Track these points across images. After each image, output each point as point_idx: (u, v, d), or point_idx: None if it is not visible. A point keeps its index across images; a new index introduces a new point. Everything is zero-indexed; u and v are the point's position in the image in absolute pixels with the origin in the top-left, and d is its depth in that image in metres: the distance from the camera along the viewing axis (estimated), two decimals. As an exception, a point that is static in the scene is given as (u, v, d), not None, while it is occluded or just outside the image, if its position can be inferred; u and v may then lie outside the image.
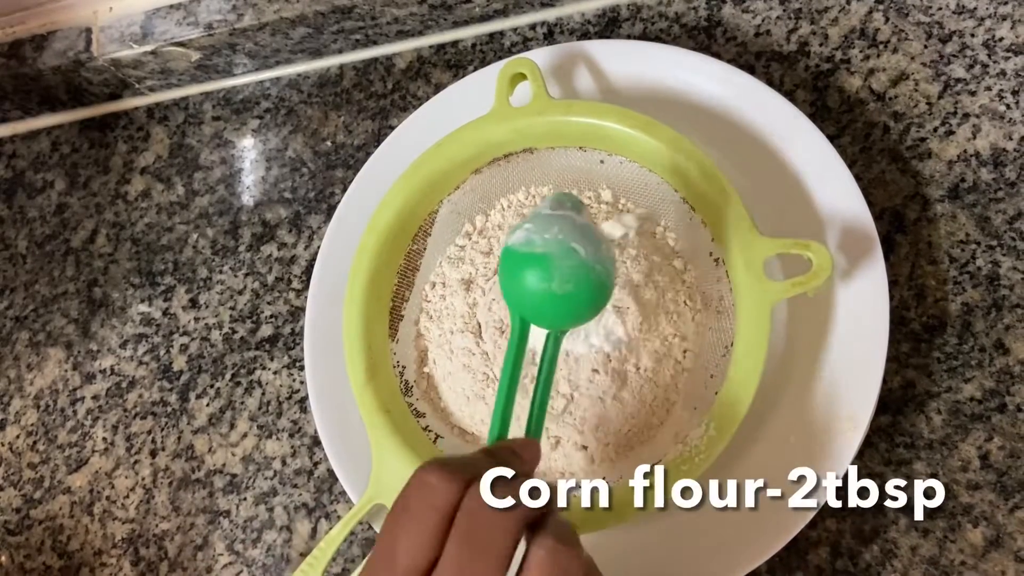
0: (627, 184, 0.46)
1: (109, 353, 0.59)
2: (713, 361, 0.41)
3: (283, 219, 0.58)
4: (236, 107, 0.63)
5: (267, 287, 0.56)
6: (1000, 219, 0.44)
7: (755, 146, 0.45)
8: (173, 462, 0.54)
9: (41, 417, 0.58)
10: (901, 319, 0.44)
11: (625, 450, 0.41)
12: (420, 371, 0.47)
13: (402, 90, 0.58)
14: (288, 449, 0.52)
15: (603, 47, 0.50)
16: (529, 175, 0.47)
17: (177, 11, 0.60)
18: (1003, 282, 0.43)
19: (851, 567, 0.41)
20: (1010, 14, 0.47)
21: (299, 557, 0.49)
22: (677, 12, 0.53)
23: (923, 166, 0.46)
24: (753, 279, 0.39)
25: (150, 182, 0.63)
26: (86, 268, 0.62)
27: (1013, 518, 0.39)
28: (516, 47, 0.56)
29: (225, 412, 0.54)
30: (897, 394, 0.43)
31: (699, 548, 0.40)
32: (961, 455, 0.41)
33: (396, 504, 0.29)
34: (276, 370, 0.54)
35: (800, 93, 0.49)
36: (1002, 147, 0.45)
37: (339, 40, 0.59)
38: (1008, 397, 0.41)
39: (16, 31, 0.65)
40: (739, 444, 0.40)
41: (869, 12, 0.49)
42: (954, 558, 0.40)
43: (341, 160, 0.58)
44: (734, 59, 0.51)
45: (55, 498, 0.56)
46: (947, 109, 0.46)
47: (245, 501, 0.52)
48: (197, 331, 0.57)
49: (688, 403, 0.41)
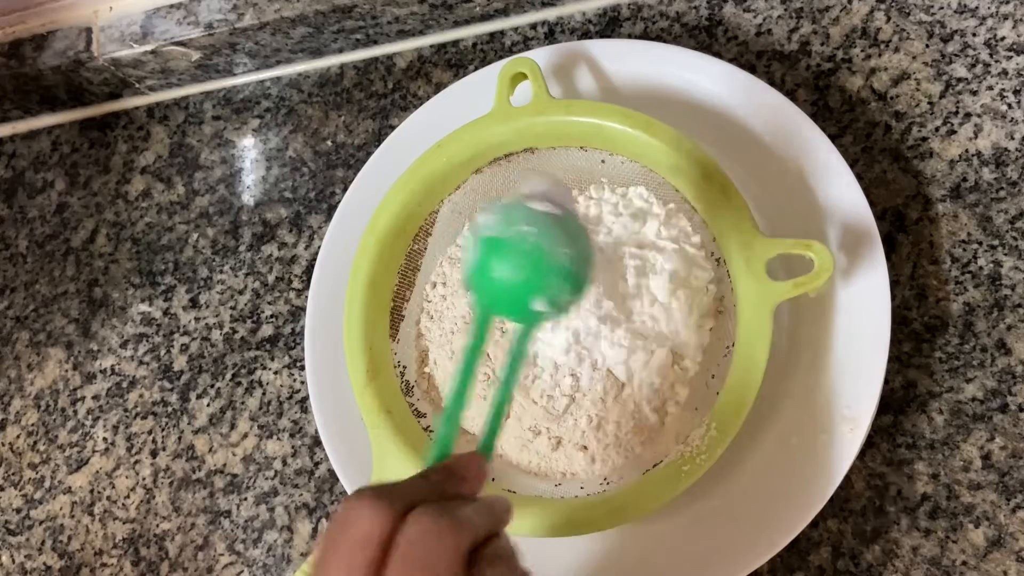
0: (628, 184, 0.46)
1: (109, 353, 0.59)
2: (715, 361, 0.41)
3: (283, 219, 0.58)
4: (236, 107, 0.62)
5: (268, 287, 0.56)
6: (1002, 219, 0.44)
7: (756, 145, 0.45)
8: (174, 462, 0.54)
9: (41, 417, 0.58)
10: (903, 319, 0.43)
11: (626, 451, 0.41)
12: (421, 371, 0.47)
13: (403, 89, 0.58)
14: (289, 449, 0.52)
15: (604, 46, 0.49)
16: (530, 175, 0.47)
17: (177, 11, 0.60)
18: (1004, 282, 0.43)
19: (852, 567, 0.41)
20: (1012, 13, 0.46)
21: (300, 557, 0.49)
22: (678, 11, 0.53)
23: (925, 166, 0.46)
24: (755, 279, 0.39)
25: (150, 182, 0.63)
26: (86, 268, 0.62)
27: (1015, 518, 0.39)
28: (517, 46, 0.56)
29: (226, 412, 0.54)
30: (899, 394, 0.43)
31: (700, 548, 0.40)
32: (963, 455, 0.41)
33: (325, 537, 0.26)
34: (277, 370, 0.54)
35: (801, 92, 0.49)
36: (1004, 147, 0.45)
37: (340, 39, 0.59)
38: (1010, 397, 0.41)
39: (16, 31, 0.65)
40: (741, 444, 0.40)
41: (871, 11, 0.49)
42: (956, 558, 0.40)
43: (342, 160, 0.58)
44: (735, 59, 0.51)
45: (56, 498, 0.56)
46: (949, 108, 0.46)
47: (246, 501, 0.52)
48: (198, 331, 0.57)
49: (690, 403, 0.41)
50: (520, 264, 0.32)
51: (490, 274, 0.33)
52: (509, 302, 0.33)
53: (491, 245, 0.33)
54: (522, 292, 0.32)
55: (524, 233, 0.32)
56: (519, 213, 0.33)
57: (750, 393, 0.37)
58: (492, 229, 0.33)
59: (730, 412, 0.38)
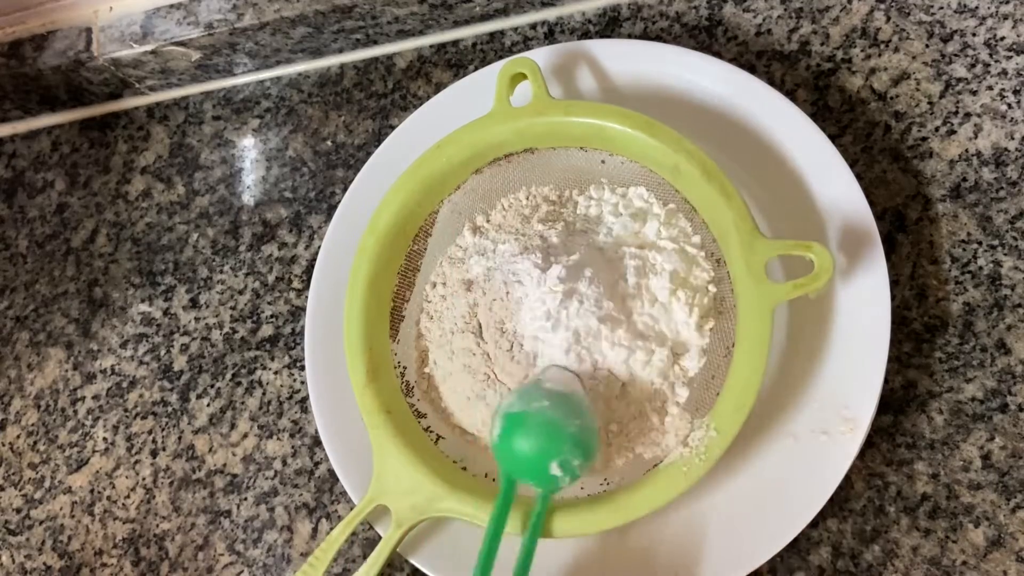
0: (628, 184, 0.46)
1: (109, 353, 0.59)
2: (715, 362, 0.41)
3: (283, 219, 0.58)
4: (236, 107, 0.62)
5: (268, 287, 0.56)
6: (1002, 219, 0.44)
7: (756, 146, 0.45)
8: (174, 462, 0.54)
9: (41, 417, 0.58)
10: (902, 319, 0.43)
11: (626, 452, 0.41)
12: (421, 371, 0.47)
13: (403, 89, 0.58)
14: (289, 449, 0.52)
15: (604, 46, 0.49)
16: (530, 175, 0.47)
17: (177, 11, 0.60)
18: (1004, 282, 0.43)
19: (852, 567, 0.41)
20: (1011, 13, 0.46)
21: (300, 557, 0.49)
22: (678, 11, 0.53)
23: (924, 166, 0.46)
24: (755, 281, 0.39)
25: (150, 182, 0.63)
26: (86, 268, 0.62)
27: (1015, 518, 0.39)
28: (517, 46, 0.56)
29: (226, 412, 0.54)
30: (898, 394, 0.43)
31: (700, 548, 0.40)
32: (963, 455, 0.41)
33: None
34: (277, 370, 0.54)
35: (801, 92, 0.49)
36: (1004, 146, 0.45)
37: (339, 39, 0.59)
38: (1010, 397, 0.41)
39: (16, 31, 0.65)
40: (741, 444, 0.40)
41: (870, 11, 0.49)
42: (956, 558, 0.40)
43: (342, 160, 0.58)
44: (735, 58, 0.51)
45: (56, 498, 0.56)
46: (948, 108, 0.46)
47: (246, 501, 0.52)
48: (198, 331, 0.57)
49: (690, 404, 0.41)
50: (537, 433, 0.38)
51: (512, 444, 0.38)
52: (530, 467, 0.38)
53: (512, 420, 0.38)
54: (540, 458, 0.37)
55: (540, 407, 0.38)
56: (535, 392, 0.39)
57: (750, 394, 0.37)
58: (513, 406, 0.38)
59: (730, 413, 0.38)
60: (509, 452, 0.38)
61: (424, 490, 0.41)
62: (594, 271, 0.42)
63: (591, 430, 0.38)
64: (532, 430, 0.38)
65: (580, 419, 0.38)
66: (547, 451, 0.37)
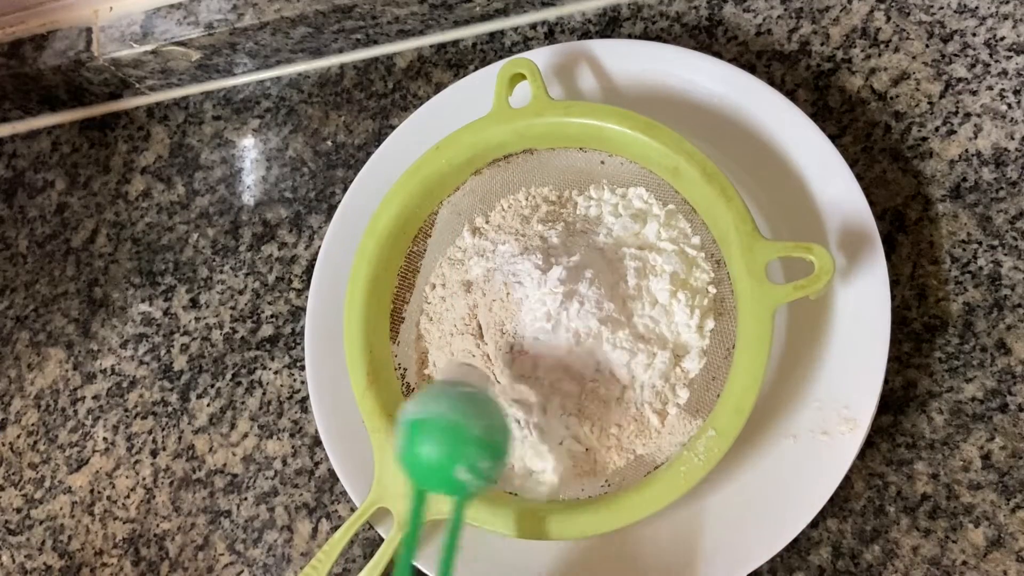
0: (628, 185, 0.46)
1: (110, 353, 0.59)
2: (715, 364, 0.41)
3: (284, 219, 0.58)
4: (236, 107, 0.62)
5: (268, 287, 0.56)
6: (1002, 219, 0.44)
7: (756, 146, 0.45)
8: (174, 462, 0.54)
9: (42, 417, 0.58)
10: (902, 319, 0.43)
11: (627, 453, 0.41)
12: (421, 373, 0.47)
13: (403, 89, 0.58)
14: (289, 449, 0.52)
15: (604, 46, 0.49)
16: (530, 176, 0.47)
17: (177, 11, 0.60)
18: (1004, 282, 0.43)
19: (852, 567, 0.41)
20: (1011, 13, 0.46)
21: (300, 557, 0.50)
22: (678, 11, 0.53)
23: (924, 166, 0.46)
24: (755, 282, 0.39)
25: (150, 182, 0.63)
26: (86, 268, 0.62)
27: (1015, 518, 0.39)
28: (517, 46, 0.56)
29: (226, 412, 0.54)
30: (898, 394, 0.43)
31: (700, 548, 0.40)
32: (963, 455, 0.41)
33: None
34: (277, 370, 0.54)
35: (801, 93, 0.49)
36: (1004, 147, 0.45)
37: (340, 39, 0.59)
38: (1010, 397, 0.41)
39: (16, 31, 0.65)
40: (741, 445, 0.40)
41: (870, 11, 0.49)
42: (956, 558, 0.40)
43: (342, 160, 0.58)
44: (735, 59, 0.51)
45: (56, 498, 0.56)
46: (948, 108, 0.46)
47: (246, 501, 0.52)
48: (198, 331, 0.57)
49: (690, 406, 0.41)
50: (439, 439, 0.36)
51: (417, 452, 0.36)
52: (438, 476, 0.36)
53: (414, 427, 0.36)
54: (446, 464, 0.35)
55: (439, 411, 0.36)
56: (436, 394, 0.37)
57: (750, 395, 0.37)
58: (413, 412, 0.36)
59: (730, 414, 0.38)
60: (414, 462, 0.36)
61: (424, 491, 0.41)
62: (595, 272, 0.42)
63: (500, 428, 0.37)
64: (433, 436, 0.36)
65: (487, 418, 0.36)
66: (452, 456, 0.35)
